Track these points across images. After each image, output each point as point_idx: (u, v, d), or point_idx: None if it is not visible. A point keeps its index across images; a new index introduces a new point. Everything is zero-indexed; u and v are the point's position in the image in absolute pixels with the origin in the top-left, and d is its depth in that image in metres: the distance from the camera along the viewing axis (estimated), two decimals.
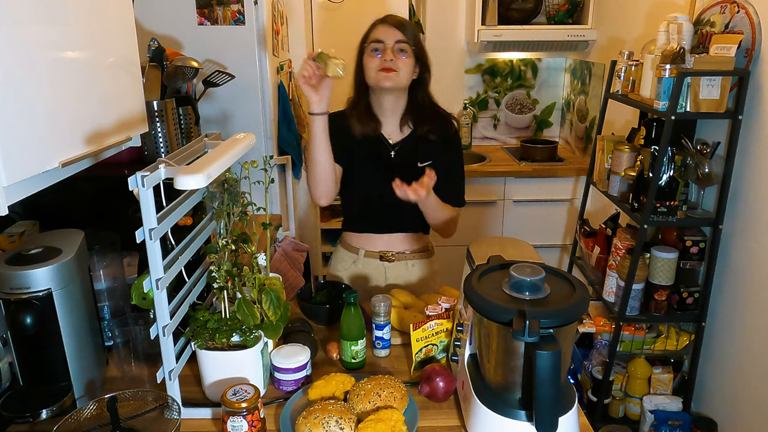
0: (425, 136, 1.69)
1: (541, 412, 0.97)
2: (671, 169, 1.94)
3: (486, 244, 1.32)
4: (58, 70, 1.06)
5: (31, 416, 1.11)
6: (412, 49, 1.61)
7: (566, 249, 3.32)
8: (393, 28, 1.61)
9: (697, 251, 2.04)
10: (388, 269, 1.79)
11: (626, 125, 2.56)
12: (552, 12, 3.33)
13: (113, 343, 1.35)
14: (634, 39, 2.66)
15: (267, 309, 1.20)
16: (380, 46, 1.60)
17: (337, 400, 1.15)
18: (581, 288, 1.06)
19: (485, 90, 3.69)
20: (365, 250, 1.79)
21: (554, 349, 0.93)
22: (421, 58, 1.65)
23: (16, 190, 0.94)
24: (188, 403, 1.19)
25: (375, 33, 1.62)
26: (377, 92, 1.67)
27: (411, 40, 1.61)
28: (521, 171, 3.17)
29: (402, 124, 1.71)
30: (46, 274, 1.10)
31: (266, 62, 2.31)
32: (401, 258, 1.78)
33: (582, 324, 2.19)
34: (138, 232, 1.01)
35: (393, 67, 1.58)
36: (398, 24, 1.62)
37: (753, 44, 1.85)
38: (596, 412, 2.25)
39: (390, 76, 1.59)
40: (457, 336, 1.28)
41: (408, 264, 1.79)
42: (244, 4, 2.21)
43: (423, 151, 1.69)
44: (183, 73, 1.75)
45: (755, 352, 1.90)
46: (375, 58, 1.60)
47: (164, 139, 1.72)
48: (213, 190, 1.23)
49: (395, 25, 1.61)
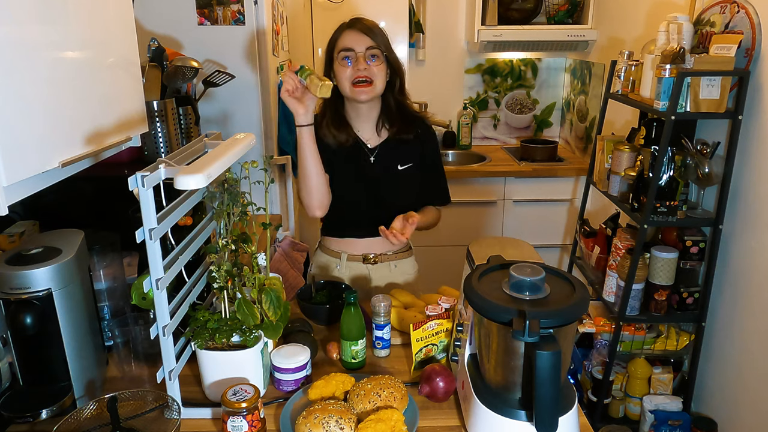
0: (403, 138, 1.69)
1: (541, 412, 0.97)
2: (671, 169, 1.94)
3: (486, 244, 1.32)
4: (58, 70, 1.06)
5: (31, 416, 1.11)
6: (383, 55, 1.59)
7: (566, 249, 3.32)
8: (362, 35, 1.57)
9: (697, 251, 2.04)
10: (372, 271, 1.79)
11: (626, 125, 2.56)
12: (552, 12, 3.33)
13: (113, 343, 1.35)
14: (634, 39, 2.66)
15: (267, 309, 1.20)
16: (351, 54, 1.57)
17: (337, 400, 1.15)
18: (581, 288, 1.06)
19: (485, 90, 3.69)
20: (347, 253, 1.78)
21: (554, 349, 0.93)
22: (392, 62, 1.62)
23: (16, 190, 0.94)
24: (188, 403, 1.19)
25: (344, 40, 1.59)
26: (352, 102, 1.65)
27: (382, 45, 1.58)
28: (521, 171, 3.17)
29: (379, 128, 1.70)
30: (46, 274, 1.10)
31: (266, 62, 2.31)
32: (384, 259, 1.79)
33: (582, 324, 2.19)
34: (138, 232, 1.01)
35: (368, 77, 1.56)
36: (367, 29, 1.58)
37: (753, 44, 1.85)
38: (596, 412, 2.24)
39: (366, 90, 1.58)
40: (457, 336, 1.28)
41: (391, 265, 1.80)
42: (244, 4, 2.21)
43: (402, 154, 1.70)
44: (183, 73, 1.75)
45: (755, 352, 1.90)
46: (347, 67, 1.58)
47: (164, 139, 1.72)
48: (213, 190, 1.23)
49: (364, 30, 1.58)
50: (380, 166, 1.69)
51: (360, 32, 1.58)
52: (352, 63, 1.57)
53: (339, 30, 1.62)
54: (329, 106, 1.68)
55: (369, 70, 1.57)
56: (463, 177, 3.16)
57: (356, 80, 1.57)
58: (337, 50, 1.60)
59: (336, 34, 1.62)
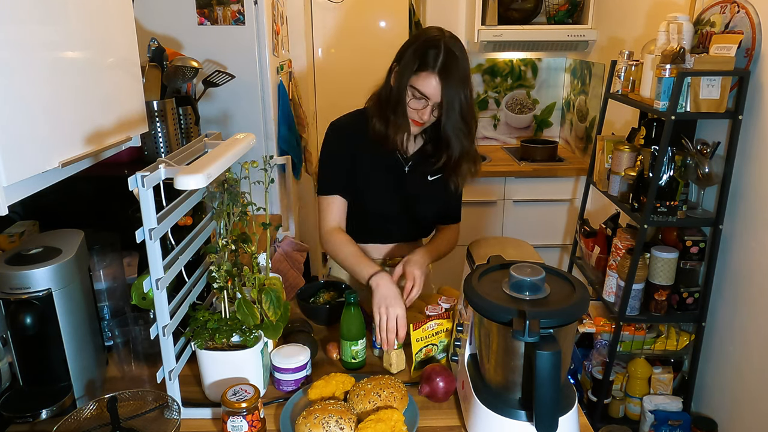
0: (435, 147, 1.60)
1: (541, 412, 0.97)
2: (671, 169, 1.94)
3: (486, 244, 1.32)
4: (58, 70, 1.06)
5: (31, 416, 1.11)
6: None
7: (566, 249, 3.32)
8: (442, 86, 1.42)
9: (697, 251, 2.04)
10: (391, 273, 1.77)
11: (626, 125, 2.56)
12: (552, 12, 3.33)
13: (113, 343, 1.35)
14: (634, 39, 2.66)
15: (267, 309, 1.20)
16: (423, 102, 1.45)
17: (337, 400, 1.15)
18: (581, 288, 1.06)
19: (485, 90, 3.69)
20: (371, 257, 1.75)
21: (554, 349, 0.93)
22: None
23: (16, 190, 0.94)
24: (188, 403, 1.19)
25: (421, 82, 1.42)
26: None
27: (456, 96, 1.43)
28: (521, 171, 3.17)
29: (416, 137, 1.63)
30: (46, 274, 1.10)
31: (266, 62, 2.31)
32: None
33: (582, 324, 2.19)
34: (138, 232, 1.01)
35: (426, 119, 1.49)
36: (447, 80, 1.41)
37: (753, 44, 1.85)
38: (596, 412, 2.25)
39: (418, 127, 1.52)
40: (457, 336, 1.28)
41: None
42: (244, 4, 2.21)
43: (432, 164, 1.61)
44: (183, 73, 1.75)
45: (755, 351, 1.90)
46: (416, 108, 1.47)
47: (164, 139, 1.72)
48: (213, 190, 1.23)
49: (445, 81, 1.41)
50: (413, 176, 1.63)
51: (440, 80, 1.42)
52: (421, 108, 1.47)
53: (423, 64, 1.42)
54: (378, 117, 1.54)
55: (430, 119, 1.49)
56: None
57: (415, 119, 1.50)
58: (411, 85, 1.45)
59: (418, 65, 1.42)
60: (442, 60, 1.40)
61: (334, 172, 1.61)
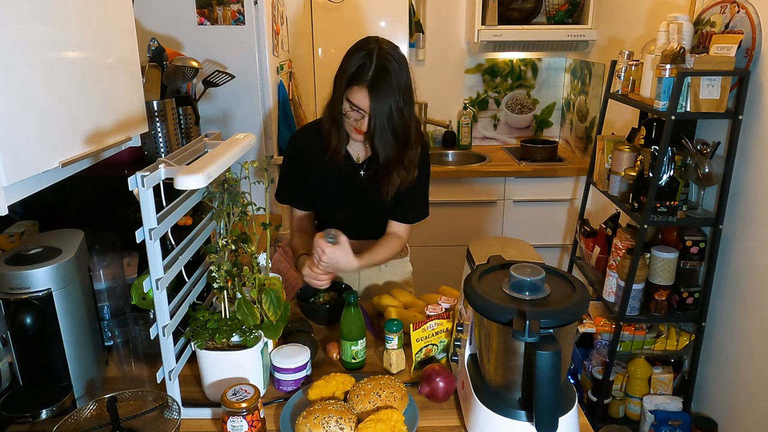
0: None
1: (541, 412, 0.97)
2: (671, 169, 1.94)
3: (486, 244, 1.32)
4: (58, 70, 1.06)
5: (31, 416, 1.11)
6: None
7: (566, 249, 3.32)
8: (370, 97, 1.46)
9: (697, 251, 2.04)
10: (362, 273, 1.79)
11: (626, 125, 2.56)
12: (552, 12, 3.33)
13: (113, 343, 1.35)
14: (634, 39, 2.66)
15: (267, 309, 1.20)
16: (356, 114, 1.50)
17: (337, 400, 1.15)
18: (581, 288, 1.06)
19: (485, 90, 3.69)
20: None
21: (554, 349, 0.93)
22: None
23: (16, 190, 0.94)
24: (188, 403, 1.19)
25: (354, 95, 1.47)
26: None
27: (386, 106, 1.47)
28: (521, 171, 3.17)
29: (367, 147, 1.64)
30: (46, 274, 1.10)
31: (266, 62, 2.31)
32: None
33: (582, 324, 2.19)
34: (138, 232, 1.01)
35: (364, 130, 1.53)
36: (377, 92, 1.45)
37: (753, 44, 1.85)
38: (596, 412, 2.24)
39: (360, 136, 1.55)
40: (457, 336, 1.28)
41: (381, 266, 1.79)
42: (244, 4, 2.21)
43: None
44: (183, 73, 1.75)
45: (755, 352, 1.90)
46: (355, 118, 1.51)
47: (164, 139, 1.72)
48: (213, 190, 1.23)
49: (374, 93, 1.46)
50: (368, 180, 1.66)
51: (368, 93, 1.46)
52: (360, 118, 1.51)
53: (354, 76, 1.46)
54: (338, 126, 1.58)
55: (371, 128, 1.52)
56: (463, 177, 3.16)
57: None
58: (345, 99, 1.50)
59: (349, 78, 1.47)
60: (372, 73, 1.45)
61: (291, 181, 1.73)
